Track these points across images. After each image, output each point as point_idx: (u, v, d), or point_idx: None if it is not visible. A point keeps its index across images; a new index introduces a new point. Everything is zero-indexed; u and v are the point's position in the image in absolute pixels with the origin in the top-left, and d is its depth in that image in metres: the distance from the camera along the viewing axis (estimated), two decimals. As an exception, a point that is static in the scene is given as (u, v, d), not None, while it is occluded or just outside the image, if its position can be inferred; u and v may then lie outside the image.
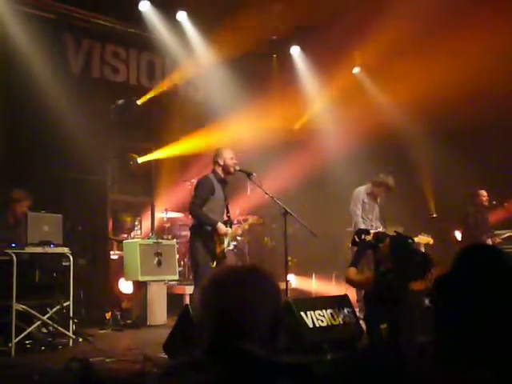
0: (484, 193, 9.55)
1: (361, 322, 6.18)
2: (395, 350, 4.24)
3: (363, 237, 5.22)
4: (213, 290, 1.80)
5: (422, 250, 7.55)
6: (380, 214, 8.47)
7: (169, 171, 9.77)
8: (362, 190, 8.33)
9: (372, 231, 5.58)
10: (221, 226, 6.39)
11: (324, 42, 9.92)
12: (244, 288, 1.76)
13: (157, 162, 9.85)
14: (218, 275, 1.85)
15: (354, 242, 5.32)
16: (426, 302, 6.28)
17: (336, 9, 9.16)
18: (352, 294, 7.15)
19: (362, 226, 8.06)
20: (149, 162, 9.84)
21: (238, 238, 9.77)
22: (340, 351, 5.23)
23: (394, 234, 5.19)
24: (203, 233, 6.44)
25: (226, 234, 6.44)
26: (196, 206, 6.49)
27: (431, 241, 8.29)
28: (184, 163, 9.66)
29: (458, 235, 10.40)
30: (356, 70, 11.65)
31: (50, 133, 7.92)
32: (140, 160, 9.72)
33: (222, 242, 6.45)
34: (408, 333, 4.45)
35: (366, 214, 8.30)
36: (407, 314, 4.52)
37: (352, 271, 5.04)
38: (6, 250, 6.08)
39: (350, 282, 5.26)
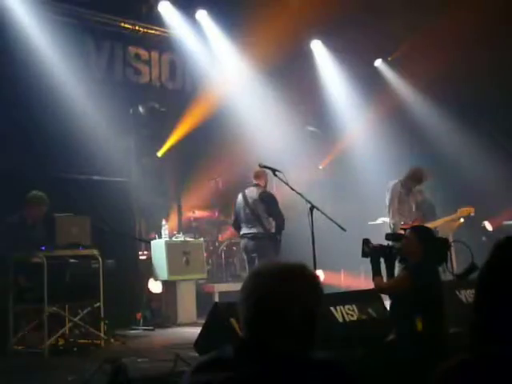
0: None
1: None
2: (431, 343, 4.15)
3: (371, 245, 4.98)
4: (255, 280, 1.74)
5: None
6: (420, 204, 8.33)
7: (194, 170, 9.77)
8: (397, 183, 8.15)
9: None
10: None
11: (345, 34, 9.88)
12: (289, 282, 1.70)
13: (182, 160, 9.88)
14: (264, 267, 1.79)
15: (364, 254, 4.88)
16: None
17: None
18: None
19: (398, 218, 7.90)
20: (176, 163, 9.88)
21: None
22: (371, 346, 5.16)
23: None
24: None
25: None
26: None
27: (472, 210, 8.12)
28: (209, 162, 9.66)
29: (488, 226, 10.27)
30: (378, 62, 11.58)
31: (74, 135, 7.94)
32: (159, 153, 9.71)
33: None
34: (443, 325, 4.37)
35: (402, 206, 8.14)
36: (441, 306, 4.43)
37: (379, 280, 4.82)
38: (37, 254, 6.15)
39: (383, 290, 5.01)
